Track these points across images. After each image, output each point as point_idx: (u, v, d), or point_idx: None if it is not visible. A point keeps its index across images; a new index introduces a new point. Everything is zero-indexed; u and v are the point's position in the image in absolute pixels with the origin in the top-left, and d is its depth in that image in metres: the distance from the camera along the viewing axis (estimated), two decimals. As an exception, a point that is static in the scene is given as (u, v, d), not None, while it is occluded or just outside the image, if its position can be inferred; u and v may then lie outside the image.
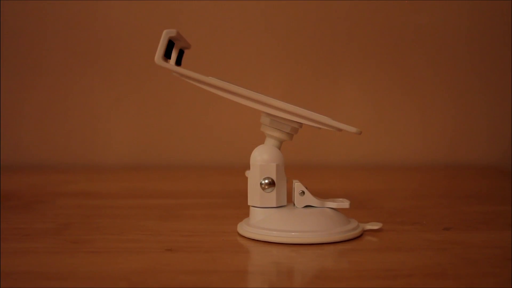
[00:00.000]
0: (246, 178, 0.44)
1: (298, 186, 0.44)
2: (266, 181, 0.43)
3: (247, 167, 0.44)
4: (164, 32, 0.40)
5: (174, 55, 0.41)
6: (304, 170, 0.84)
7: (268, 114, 0.43)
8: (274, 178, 0.43)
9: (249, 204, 0.44)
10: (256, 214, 0.43)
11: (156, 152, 0.95)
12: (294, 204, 0.44)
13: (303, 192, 0.43)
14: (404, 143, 0.94)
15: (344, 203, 0.44)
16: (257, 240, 0.42)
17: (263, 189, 0.43)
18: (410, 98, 0.93)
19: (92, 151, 0.95)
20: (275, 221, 0.42)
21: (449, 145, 0.93)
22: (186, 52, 0.44)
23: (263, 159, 0.43)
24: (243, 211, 0.48)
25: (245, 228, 0.43)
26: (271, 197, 0.43)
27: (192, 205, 0.58)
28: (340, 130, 0.42)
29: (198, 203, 0.59)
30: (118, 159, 0.94)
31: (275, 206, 0.43)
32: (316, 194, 0.44)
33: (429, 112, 0.93)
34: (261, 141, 0.45)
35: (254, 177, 0.43)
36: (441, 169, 0.90)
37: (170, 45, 0.40)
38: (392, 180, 0.80)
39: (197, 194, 0.67)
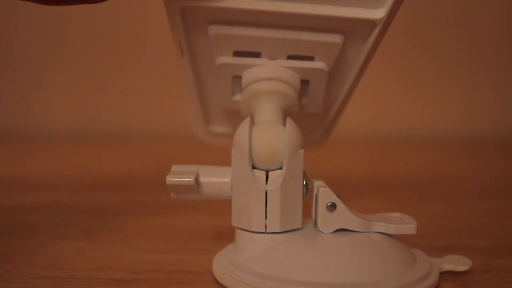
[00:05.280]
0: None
1: (324, 193, 0.24)
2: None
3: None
4: None
5: None
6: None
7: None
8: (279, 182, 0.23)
9: (233, 224, 0.24)
10: (247, 246, 0.24)
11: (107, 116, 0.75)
12: (315, 225, 0.25)
13: (333, 205, 0.24)
14: (440, 113, 0.73)
15: (407, 226, 0.24)
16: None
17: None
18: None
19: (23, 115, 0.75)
20: (281, 261, 0.23)
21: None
22: None
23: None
24: (224, 221, 0.28)
25: (225, 271, 0.24)
26: (274, 213, 0.23)
27: (147, 207, 0.39)
28: None
29: (155, 201, 0.39)
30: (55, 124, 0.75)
31: (280, 230, 0.23)
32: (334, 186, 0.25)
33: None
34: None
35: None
36: (492, 144, 0.70)
37: None
38: (431, 159, 0.60)
39: (157, 181, 0.47)
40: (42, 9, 0.71)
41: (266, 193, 0.23)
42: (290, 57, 0.25)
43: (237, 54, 0.25)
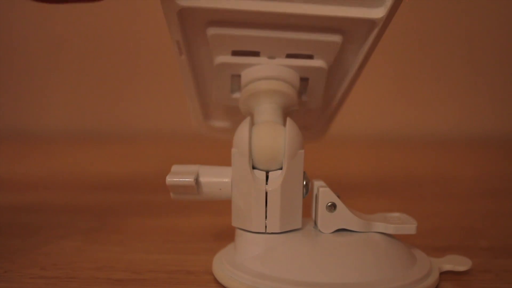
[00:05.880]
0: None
1: (324, 193, 0.24)
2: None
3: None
4: None
5: None
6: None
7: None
8: (280, 183, 0.23)
9: (233, 224, 0.24)
10: (247, 246, 0.24)
11: (108, 116, 0.75)
12: (315, 225, 0.25)
13: (333, 205, 0.24)
14: (437, 113, 0.73)
15: (407, 226, 0.24)
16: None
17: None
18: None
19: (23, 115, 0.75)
20: (281, 261, 0.23)
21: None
22: None
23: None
24: (224, 221, 0.28)
25: (225, 271, 0.24)
26: (274, 213, 0.23)
27: (147, 207, 0.39)
28: None
29: (155, 201, 0.39)
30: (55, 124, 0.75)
31: (280, 230, 0.23)
32: (334, 186, 0.25)
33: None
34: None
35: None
36: (490, 144, 0.70)
37: None
38: (431, 159, 0.60)
39: (157, 181, 0.47)
40: (43, 9, 0.71)
41: (266, 193, 0.23)
42: (289, 56, 0.25)
43: (235, 53, 0.25)
